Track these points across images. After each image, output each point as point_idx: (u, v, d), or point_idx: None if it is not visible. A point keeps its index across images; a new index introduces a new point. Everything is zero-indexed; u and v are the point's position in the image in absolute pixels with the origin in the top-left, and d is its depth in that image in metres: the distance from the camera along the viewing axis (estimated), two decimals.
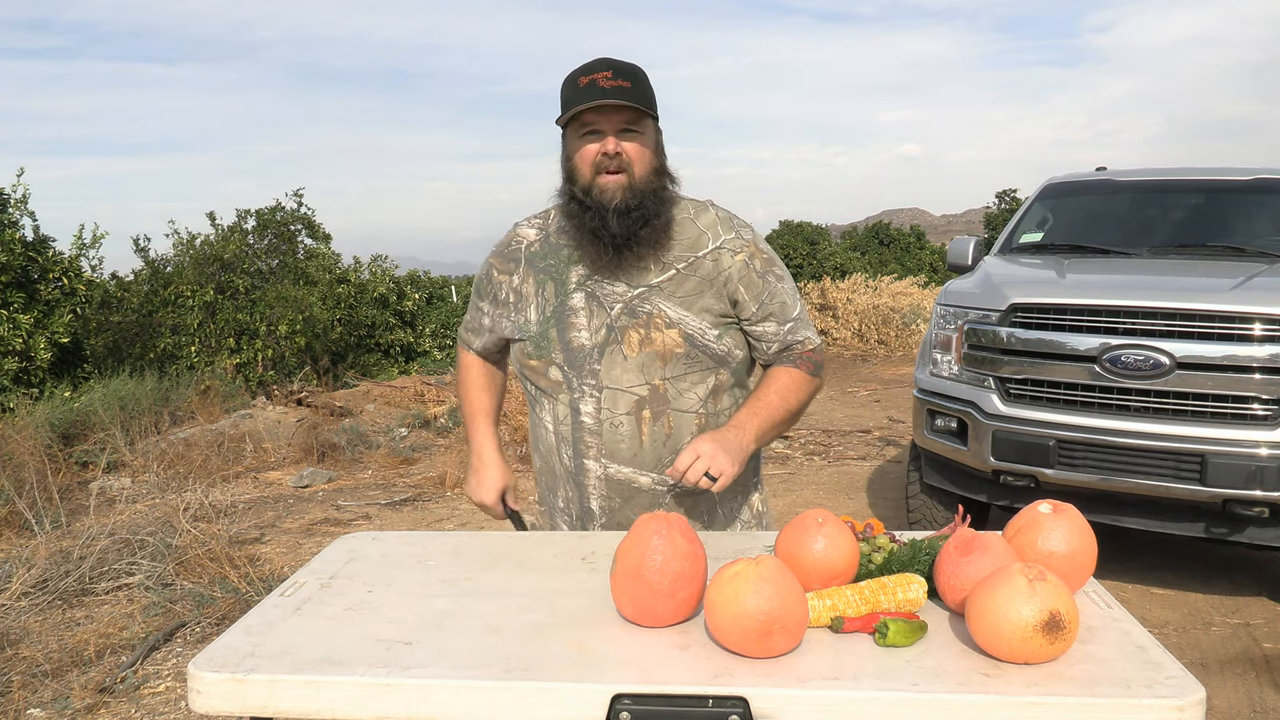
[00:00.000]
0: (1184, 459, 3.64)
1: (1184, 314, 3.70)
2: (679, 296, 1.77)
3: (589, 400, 1.77)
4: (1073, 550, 1.33)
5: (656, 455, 1.77)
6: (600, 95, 1.67)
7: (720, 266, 1.78)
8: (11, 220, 8.63)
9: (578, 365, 1.77)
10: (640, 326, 1.75)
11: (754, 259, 1.80)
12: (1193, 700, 1.04)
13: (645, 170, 1.74)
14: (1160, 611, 3.95)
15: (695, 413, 1.77)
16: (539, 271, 1.84)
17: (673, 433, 1.76)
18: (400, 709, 1.13)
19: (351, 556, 1.61)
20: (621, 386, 1.75)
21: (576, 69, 1.73)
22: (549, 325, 1.80)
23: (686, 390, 1.76)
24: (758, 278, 1.79)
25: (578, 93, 1.69)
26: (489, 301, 1.92)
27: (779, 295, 1.81)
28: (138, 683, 3.31)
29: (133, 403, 7.73)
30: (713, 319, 1.77)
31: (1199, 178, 5.16)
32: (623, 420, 1.75)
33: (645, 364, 1.75)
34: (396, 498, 5.99)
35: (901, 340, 13.77)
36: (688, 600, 1.25)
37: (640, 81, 1.72)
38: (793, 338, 1.83)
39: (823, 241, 28.82)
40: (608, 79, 1.67)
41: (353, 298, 11.92)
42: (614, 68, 1.69)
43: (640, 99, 1.70)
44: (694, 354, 1.76)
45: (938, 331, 4.43)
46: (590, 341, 1.77)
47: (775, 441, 7.51)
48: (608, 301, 1.77)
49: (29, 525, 4.77)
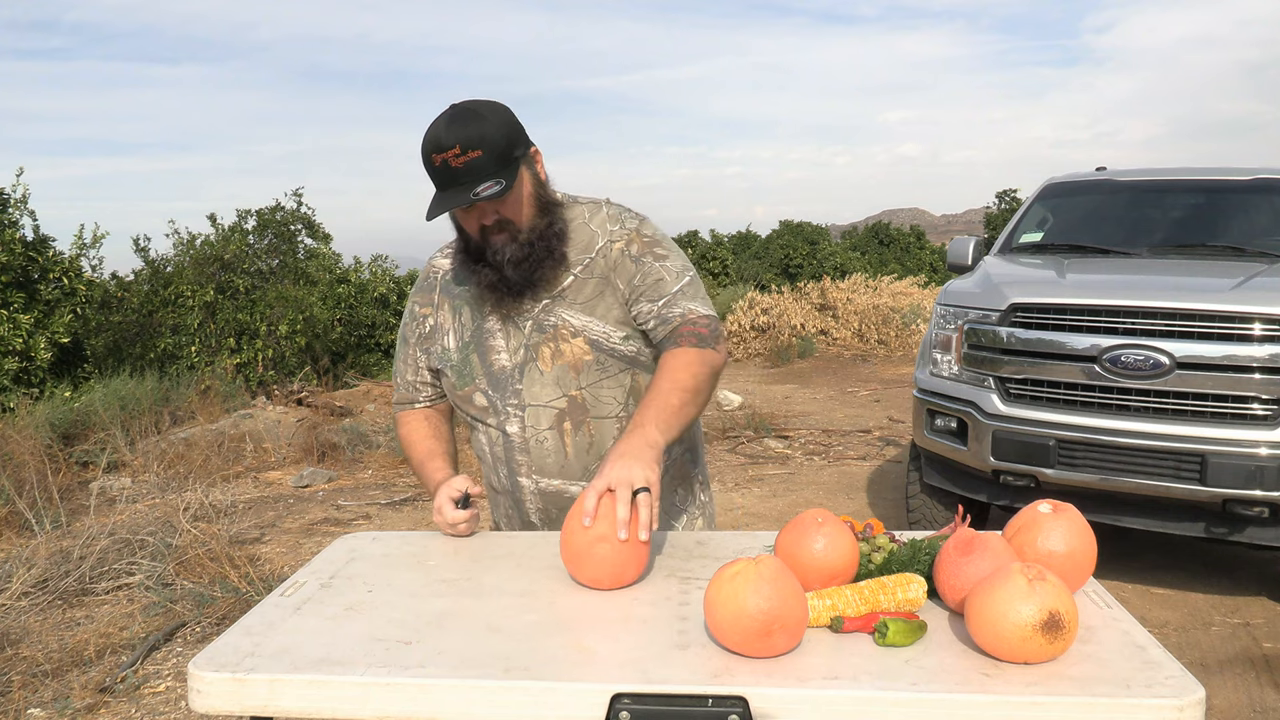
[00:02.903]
0: (1184, 459, 3.64)
1: (1184, 314, 3.70)
2: (580, 303, 1.76)
3: (514, 420, 1.78)
4: (1072, 550, 1.33)
5: (582, 464, 1.77)
6: (456, 182, 1.62)
7: (610, 261, 1.77)
8: (12, 220, 8.62)
9: (501, 388, 1.78)
10: (549, 341, 1.76)
11: (631, 244, 1.78)
12: (1192, 700, 1.04)
13: (528, 216, 1.72)
14: (1160, 611, 3.95)
15: (615, 417, 1.77)
16: (454, 298, 1.85)
17: (595, 440, 1.77)
18: (400, 709, 1.13)
19: (351, 556, 1.62)
20: (541, 402, 1.76)
21: (427, 137, 1.64)
22: (469, 351, 1.81)
23: (604, 396, 1.76)
24: (631, 262, 1.76)
25: (435, 173, 1.64)
26: (416, 340, 1.90)
27: (653, 274, 1.76)
28: (138, 683, 3.31)
29: (133, 403, 7.74)
30: (616, 321, 1.76)
31: (1199, 178, 5.17)
32: (546, 435, 1.76)
33: (560, 377, 1.75)
34: (396, 498, 5.99)
35: (901, 340, 13.77)
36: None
37: (489, 139, 1.62)
38: (669, 311, 1.74)
39: (823, 241, 28.84)
40: (457, 156, 1.60)
41: (353, 298, 11.92)
42: (460, 139, 1.60)
43: (495, 166, 1.62)
44: (603, 359, 1.76)
45: (938, 331, 4.44)
46: (510, 363, 1.78)
47: (775, 441, 7.52)
48: (520, 321, 1.78)
49: (29, 525, 4.77)
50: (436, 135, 1.63)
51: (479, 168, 1.62)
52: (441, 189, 1.65)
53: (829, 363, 12.90)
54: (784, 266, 28.90)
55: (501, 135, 1.65)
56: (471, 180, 1.62)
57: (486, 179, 1.62)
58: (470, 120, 1.63)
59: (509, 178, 1.65)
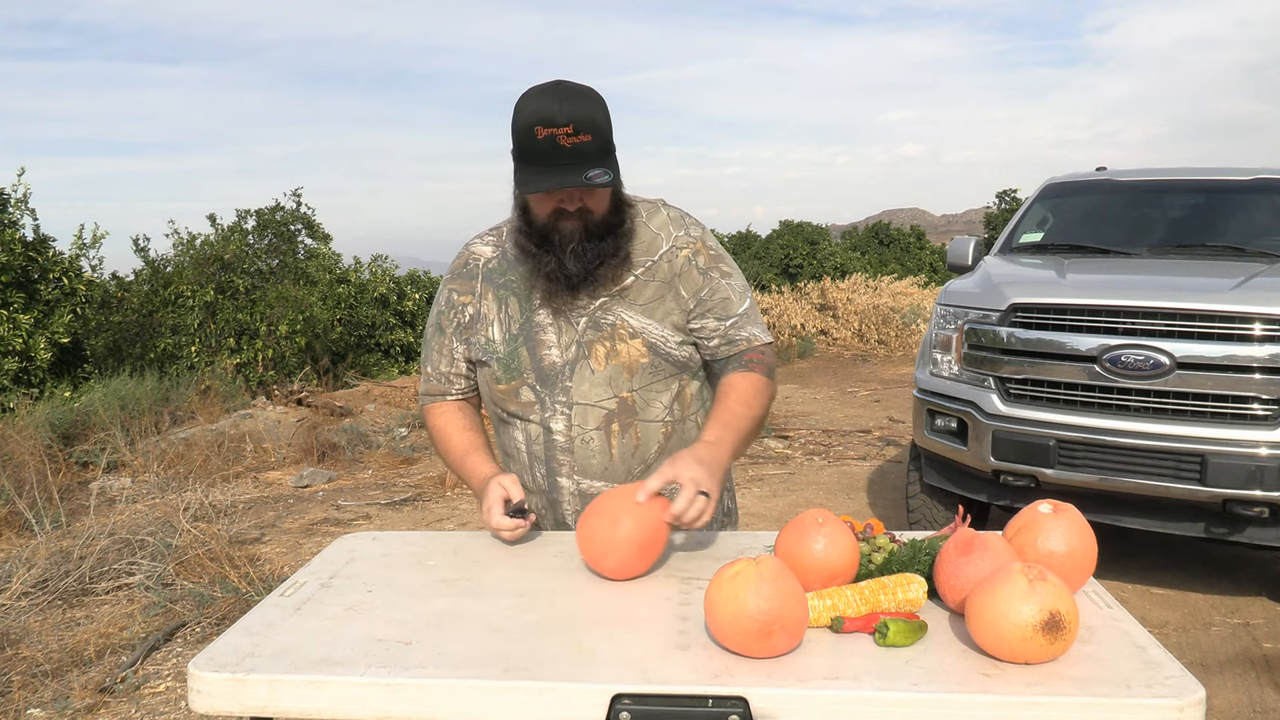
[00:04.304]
0: (1184, 459, 3.64)
1: (1184, 314, 3.70)
2: (640, 304, 1.74)
3: (560, 418, 1.73)
4: (1073, 550, 1.33)
5: (626, 467, 1.75)
6: (560, 160, 1.56)
7: (675, 267, 1.76)
8: (12, 220, 8.62)
9: (550, 384, 1.74)
10: (605, 339, 1.73)
11: (698, 255, 1.77)
12: (1192, 700, 1.04)
13: (604, 210, 1.68)
14: (1160, 611, 3.95)
15: (662, 421, 1.76)
16: (498, 288, 1.78)
17: (640, 444, 1.75)
18: (400, 709, 1.13)
19: (351, 556, 1.62)
20: (590, 401, 1.72)
21: (531, 107, 1.57)
22: (517, 344, 1.76)
23: (653, 400, 1.75)
24: (699, 274, 1.76)
25: (535, 147, 1.57)
26: (454, 329, 1.82)
27: (720, 291, 1.76)
28: (138, 683, 3.31)
29: (133, 403, 7.73)
30: (674, 327, 1.75)
31: (1199, 178, 5.17)
32: (593, 435, 1.73)
33: (613, 377, 1.72)
34: (396, 498, 5.99)
35: (901, 340, 13.77)
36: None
37: (599, 126, 1.58)
38: (736, 334, 1.76)
39: (823, 241, 28.83)
40: (569, 136, 1.55)
41: (353, 298, 11.91)
42: (574, 120, 1.55)
43: (603, 153, 1.59)
44: (658, 363, 1.74)
45: (938, 331, 4.44)
46: (561, 359, 1.73)
47: (775, 441, 7.52)
48: (574, 316, 1.74)
49: (29, 525, 4.77)
50: (546, 108, 1.56)
51: (587, 152, 1.57)
52: (542, 165, 1.58)
53: (829, 363, 12.90)
54: (784, 266, 28.90)
55: (608, 124, 1.62)
56: (579, 163, 1.57)
57: (593, 165, 1.58)
58: (583, 101, 1.58)
59: (614, 169, 1.62)
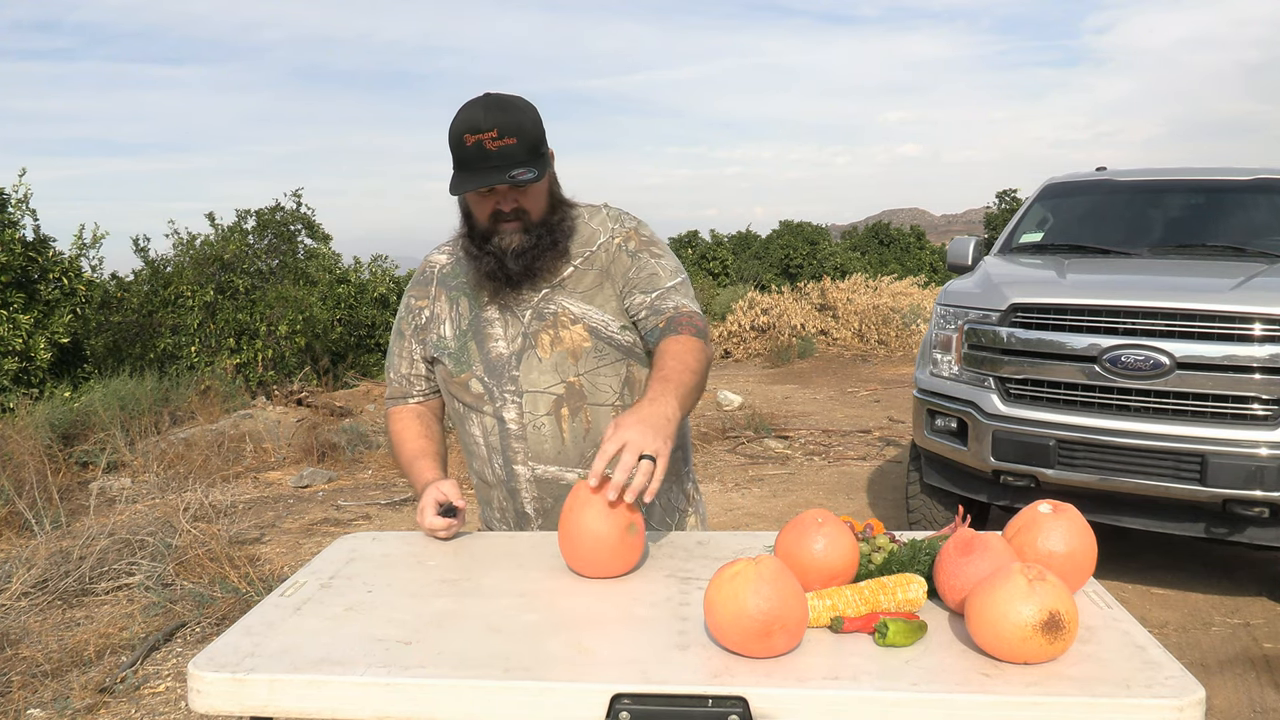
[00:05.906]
0: (1184, 459, 3.64)
1: (1184, 314, 3.70)
2: (580, 292, 1.82)
3: (510, 407, 1.80)
4: (1072, 550, 1.33)
5: (579, 450, 1.80)
6: (488, 163, 1.67)
7: (610, 254, 1.84)
8: (12, 220, 8.62)
9: (497, 374, 1.81)
10: (549, 328, 1.80)
11: (629, 241, 1.85)
12: (1192, 700, 1.04)
13: (541, 210, 1.78)
14: (1160, 611, 3.95)
15: (612, 405, 1.81)
16: (451, 290, 1.89)
17: (591, 427, 1.80)
18: (400, 709, 1.13)
19: (351, 556, 1.62)
20: (539, 388, 1.79)
21: (460, 118, 1.69)
22: (467, 339, 1.85)
23: (601, 384, 1.80)
24: (628, 256, 1.83)
25: (465, 153, 1.68)
26: (412, 331, 1.93)
27: (648, 268, 1.82)
28: (138, 683, 3.31)
29: (133, 403, 7.73)
30: (614, 312, 1.82)
31: (1199, 178, 5.17)
32: (544, 421, 1.79)
33: (559, 363, 1.79)
34: (396, 498, 5.99)
35: (901, 340, 13.77)
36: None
37: (526, 130, 1.69)
38: (663, 303, 1.79)
39: (823, 241, 28.85)
40: (494, 140, 1.66)
41: (353, 298, 11.91)
42: (498, 124, 1.66)
43: (527, 154, 1.69)
44: (601, 347, 1.80)
45: (938, 331, 4.44)
46: (509, 350, 1.81)
47: (775, 441, 7.52)
48: (519, 310, 1.82)
49: (29, 525, 4.77)
50: (473, 117, 1.68)
51: (512, 154, 1.68)
52: (471, 169, 1.70)
53: (829, 363, 12.90)
54: (784, 266, 28.91)
55: (535, 128, 1.73)
56: (504, 164, 1.68)
57: (519, 166, 1.69)
58: (508, 109, 1.70)
59: (540, 168, 1.72)
